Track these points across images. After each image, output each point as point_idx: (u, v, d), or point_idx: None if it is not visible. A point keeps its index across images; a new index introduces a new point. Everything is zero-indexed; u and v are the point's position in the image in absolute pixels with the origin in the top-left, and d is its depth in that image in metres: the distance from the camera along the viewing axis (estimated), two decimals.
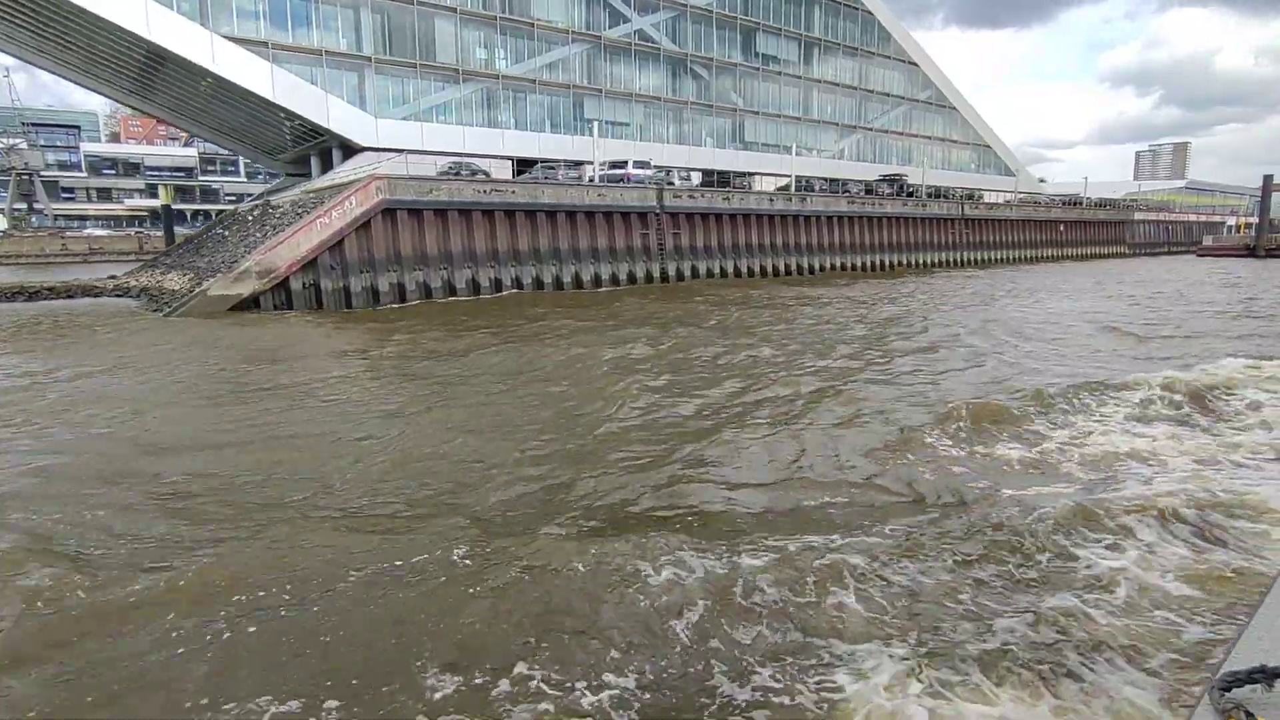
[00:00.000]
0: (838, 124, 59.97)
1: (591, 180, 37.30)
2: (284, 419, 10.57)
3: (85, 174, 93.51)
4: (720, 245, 39.46)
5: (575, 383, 13.03)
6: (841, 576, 4.88)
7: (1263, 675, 1.58)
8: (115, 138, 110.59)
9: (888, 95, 63.66)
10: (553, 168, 37.29)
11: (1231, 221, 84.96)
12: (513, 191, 31.49)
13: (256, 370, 14.38)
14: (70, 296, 30.24)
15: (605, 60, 45.69)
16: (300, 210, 29.77)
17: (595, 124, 38.11)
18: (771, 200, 41.96)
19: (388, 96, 38.20)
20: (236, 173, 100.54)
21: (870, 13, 60.27)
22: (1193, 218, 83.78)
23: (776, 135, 54.82)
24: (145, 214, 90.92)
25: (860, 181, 52.42)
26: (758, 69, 53.57)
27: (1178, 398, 9.85)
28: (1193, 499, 5.97)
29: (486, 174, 33.89)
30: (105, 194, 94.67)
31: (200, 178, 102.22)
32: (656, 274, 36.33)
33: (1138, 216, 74.33)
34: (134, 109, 54.46)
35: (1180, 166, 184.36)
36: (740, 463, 7.85)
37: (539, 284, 32.25)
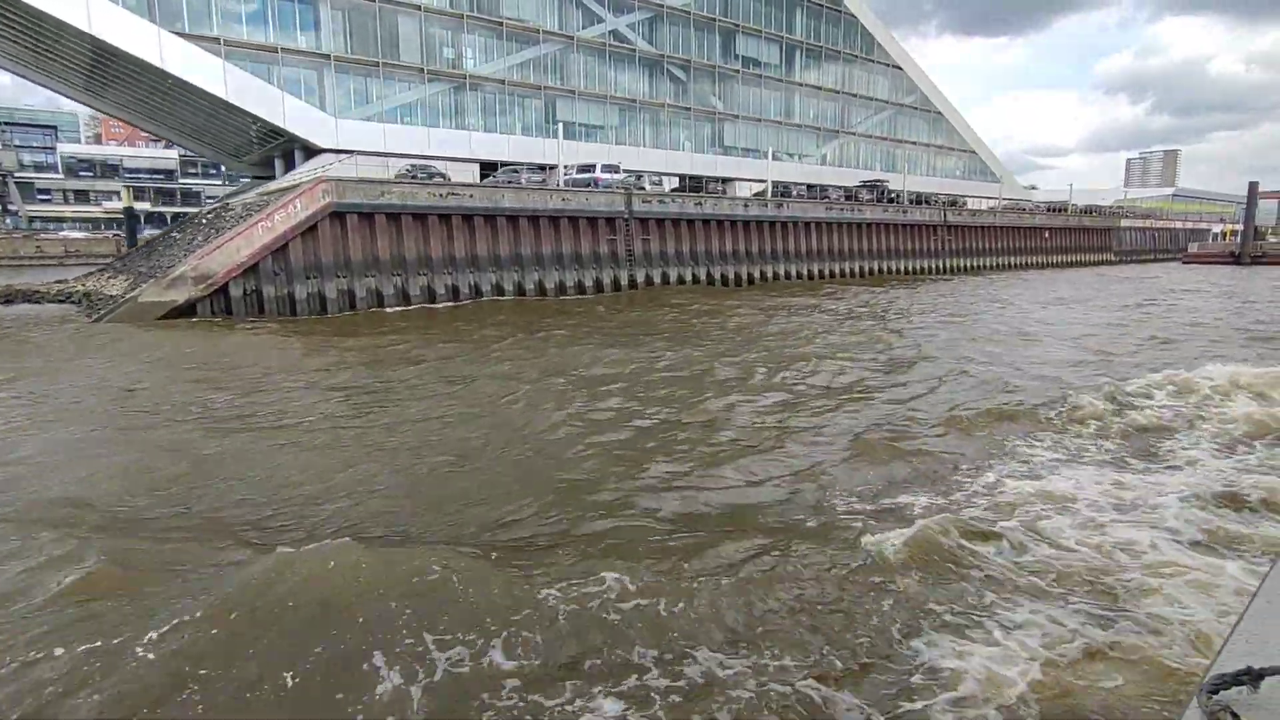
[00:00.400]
0: (820, 128, 59.14)
1: (559, 185, 36.34)
2: (128, 440, 9.51)
3: (62, 175, 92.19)
4: (693, 252, 38.48)
5: (480, 410, 12.00)
6: (614, 667, 3.87)
7: (1249, 677, 1.58)
8: (98, 139, 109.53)
9: (872, 100, 62.88)
10: (516, 171, 36.27)
11: (1217, 229, 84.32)
12: (471, 195, 30.46)
13: (143, 386, 13.31)
14: (9, 301, 29.03)
15: (579, 61, 44.76)
16: (250, 213, 28.69)
17: (561, 126, 37.12)
18: (746, 206, 41.03)
19: (349, 96, 37.20)
20: (218, 176, 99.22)
21: (854, 16, 59.51)
22: (1179, 225, 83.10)
23: (757, 139, 53.92)
24: (124, 216, 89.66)
25: (840, 187, 51.57)
26: (738, 72, 52.71)
27: (1108, 442, 8.88)
28: (1090, 565, 4.97)
29: (445, 177, 32.86)
30: (83, 196, 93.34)
31: (182, 180, 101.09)
32: (625, 281, 35.30)
33: (1124, 224, 73.65)
34: (93, 108, 53.08)
35: (1170, 174, 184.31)
36: (593, 514, 6.82)
37: (500, 291, 31.22)
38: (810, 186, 51.95)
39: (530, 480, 7.84)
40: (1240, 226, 70.77)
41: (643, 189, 38.36)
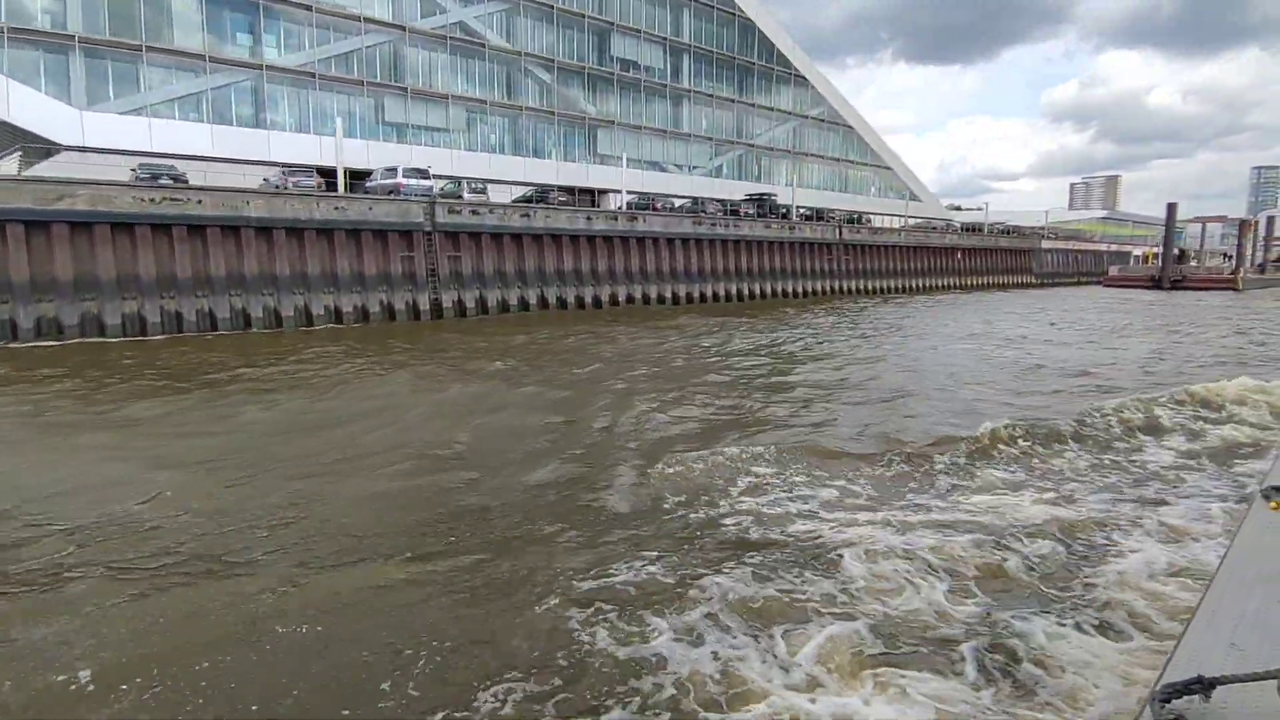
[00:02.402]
0: (714, 139, 54.59)
1: (369, 192, 30.93)
2: None
3: None
4: (520, 272, 33.16)
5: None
6: None
7: (1200, 685, 1.57)
8: None
9: (773, 110, 58.70)
10: (286, 173, 30.70)
11: (1138, 252, 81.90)
12: (199, 202, 24.80)
13: None
14: None
15: (415, 55, 39.52)
16: None
17: (339, 121, 31.69)
18: (589, 219, 35.94)
19: (105, 86, 31.32)
20: None
21: (750, 20, 55.37)
22: (1103, 247, 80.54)
23: (638, 149, 48.98)
24: None
25: (719, 200, 46.94)
26: (613, 74, 47.92)
27: None
28: None
29: (182, 180, 27.16)
30: None
31: None
32: (427, 305, 29.81)
33: (1045, 245, 70.53)
34: None
35: (1112, 199, 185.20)
36: None
37: (245, 320, 25.47)
38: (696, 200, 47.31)
39: None
40: (1160, 249, 68.06)
41: (459, 197, 33.12)
